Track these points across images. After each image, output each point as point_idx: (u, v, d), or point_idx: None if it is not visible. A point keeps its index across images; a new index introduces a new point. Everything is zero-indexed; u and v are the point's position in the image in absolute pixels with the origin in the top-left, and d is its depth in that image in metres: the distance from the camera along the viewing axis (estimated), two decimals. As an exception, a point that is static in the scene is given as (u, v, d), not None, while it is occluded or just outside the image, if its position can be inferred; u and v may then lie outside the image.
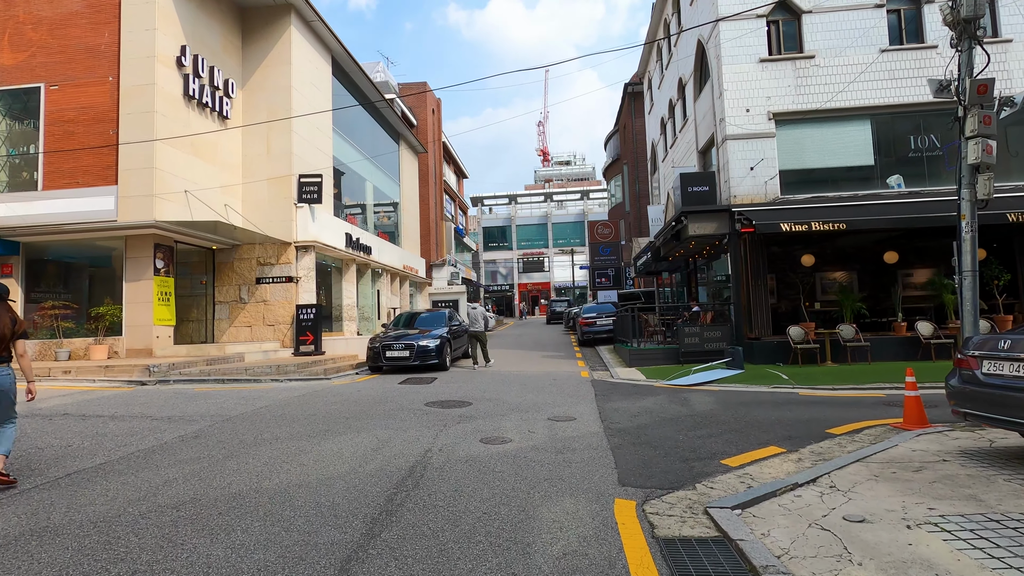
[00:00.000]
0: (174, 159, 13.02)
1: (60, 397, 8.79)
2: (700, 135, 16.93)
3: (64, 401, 8.51)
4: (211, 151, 14.47)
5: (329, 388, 10.32)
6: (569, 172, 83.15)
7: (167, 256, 13.52)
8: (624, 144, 35.91)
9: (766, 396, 9.03)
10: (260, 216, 15.43)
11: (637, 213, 32.38)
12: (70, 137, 12.83)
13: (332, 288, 18.47)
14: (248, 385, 10.48)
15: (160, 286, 13.23)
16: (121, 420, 7.09)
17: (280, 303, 15.21)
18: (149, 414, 7.44)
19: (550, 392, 9.56)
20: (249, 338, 15.18)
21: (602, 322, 19.78)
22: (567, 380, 11.18)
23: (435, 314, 15.33)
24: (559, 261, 60.53)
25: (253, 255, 15.45)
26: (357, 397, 9.14)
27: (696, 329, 13.29)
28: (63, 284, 13.92)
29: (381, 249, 21.65)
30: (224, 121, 15.01)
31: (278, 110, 15.63)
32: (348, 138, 20.27)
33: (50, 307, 12.96)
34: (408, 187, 28.18)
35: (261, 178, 15.57)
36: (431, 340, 13.02)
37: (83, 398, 8.56)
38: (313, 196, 15.56)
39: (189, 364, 11.03)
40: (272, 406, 8.21)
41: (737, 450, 5.74)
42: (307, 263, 15.58)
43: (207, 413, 7.60)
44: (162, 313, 13.19)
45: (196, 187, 13.74)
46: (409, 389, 10.13)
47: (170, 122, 12.94)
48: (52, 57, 13.05)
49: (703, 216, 13.71)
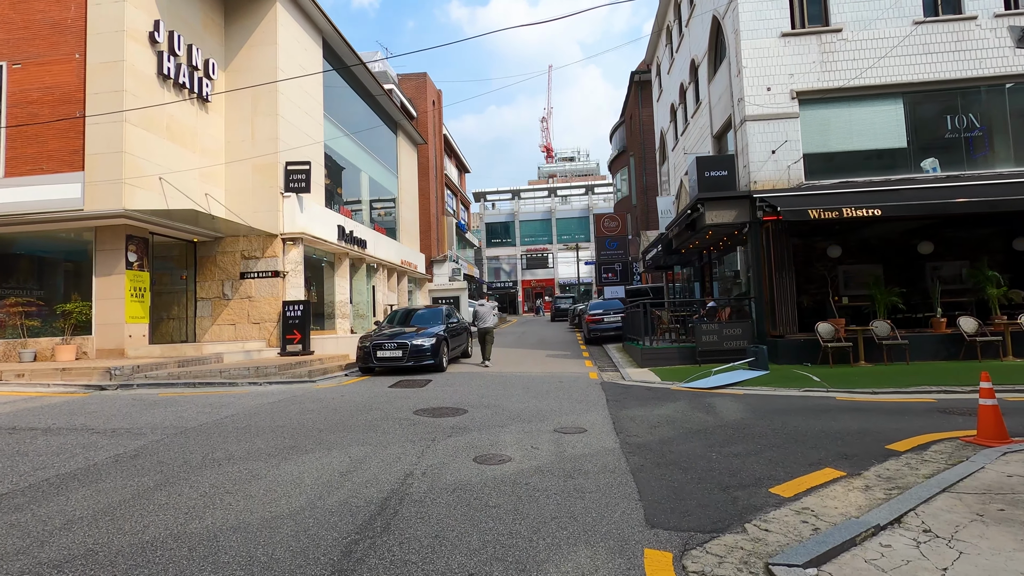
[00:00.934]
0: (147, 143, 12.02)
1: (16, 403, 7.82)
2: (715, 119, 15.82)
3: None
4: (190, 136, 13.47)
5: (310, 393, 9.31)
6: (573, 168, 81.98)
7: (141, 248, 12.53)
8: (631, 135, 34.77)
9: (799, 401, 7.96)
10: (244, 206, 14.43)
11: (644, 206, 31.27)
12: (34, 119, 11.84)
13: (324, 284, 17.46)
14: (221, 389, 9.49)
15: (133, 281, 12.24)
16: (55, 434, 6.09)
17: (266, 299, 14.21)
18: (92, 426, 6.44)
19: (556, 397, 8.52)
20: (233, 337, 14.19)
21: (610, 319, 18.73)
22: (574, 383, 10.14)
23: (432, 311, 14.32)
24: (563, 257, 59.44)
25: (237, 248, 14.45)
26: (339, 403, 8.12)
27: (714, 326, 12.22)
28: (34, 279, 12.96)
29: (377, 243, 20.64)
30: (204, 104, 14.00)
31: (263, 93, 14.61)
32: (342, 126, 19.24)
33: (12, 304, 12.00)
34: (407, 180, 27.16)
35: (245, 166, 14.56)
36: (426, 339, 12.00)
37: (25, 406, 7.58)
38: (301, 185, 14.55)
39: (158, 366, 10.04)
40: (239, 415, 7.20)
41: (786, 474, 4.69)
42: (295, 256, 14.57)
43: (160, 424, 6.60)
44: (135, 310, 12.21)
45: (172, 174, 12.74)
46: (399, 393, 9.11)
47: (142, 103, 11.93)
48: (14, 33, 12.06)
49: (721, 203, 12.62)
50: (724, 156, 13.10)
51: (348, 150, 19.92)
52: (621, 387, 9.70)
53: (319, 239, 15.56)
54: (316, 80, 16.88)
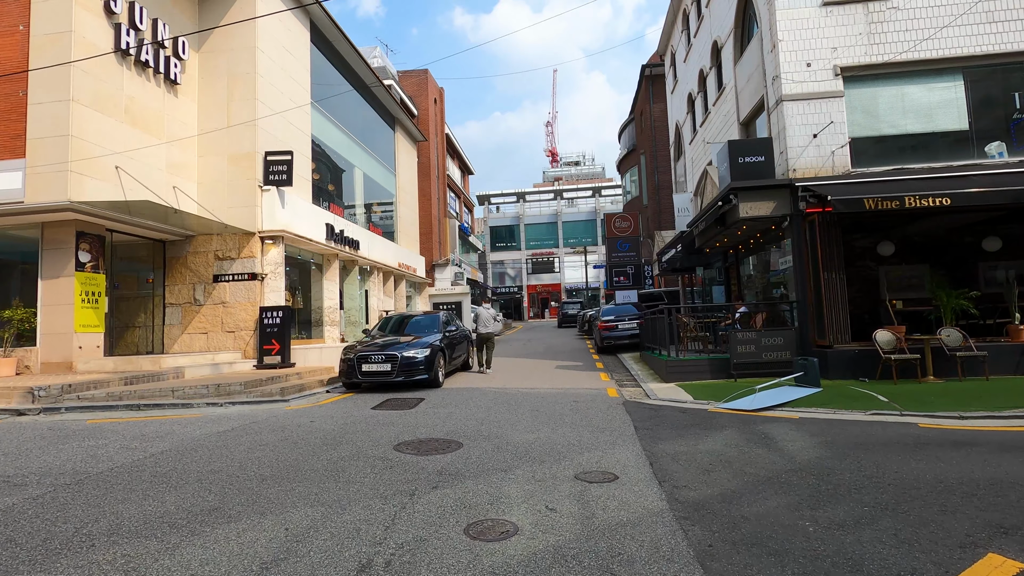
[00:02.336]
0: (101, 127, 10.56)
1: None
2: (742, 104, 14.25)
3: None
4: (156, 122, 11.99)
5: (276, 417, 7.74)
6: (579, 172, 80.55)
7: (95, 248, 11.03)
8: (641, 132, 33.21)
9: (876, 430, 6.32)
10: (218, 201, 12.93)
11: (657, 206, 29.65)
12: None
13: (311, 288, 15.94)
14: (170, 413, 7.93)
15: (85, 284, 10.73)
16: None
17: (241, 305, 12.68)
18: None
19: (572, 423, 6.92)
20: (205, 347, 12.66)
21: (624, 326, 17.11)
22: (592, 402, 8.53)
23: (429, 317, 12.76)
24: (570, 261, 57.84)
25: (210, 248, 12.94)
26: (303, 433, 6.54)
27: (751, 335, 10.58)
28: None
29: (372, 244, 19.11)
30: (173, 87, 12.54)
31: (240, 76, 13.15)
32: (333, 118, 17.78)
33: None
34: (406, 179, 25.68)
35: (220, 156, 13.07)
36: (419, 350, 10.42)
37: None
38: (282, 177, 13.05)
39: (99, 384, 8.50)
40: (170, 452, 5.64)
41: (936, 567, 3.07)
42: (275, 257, 13.05)
43: (58, 468, 5.04)
44: (86, 318, 10.69)
45: (133, 163, 11.26)
46: (382, 418, 7.53)
47: (94, 81, 10.47)
48: (-47, 3, 10.65)
49: (757, 193, 11.02)
50: (761, 140, 11.50)
51: (340, 144, 18.45)
52: (648, 408, 8.08)
53: (303, 238, 14.04)
54: (303, 65, 15.42)
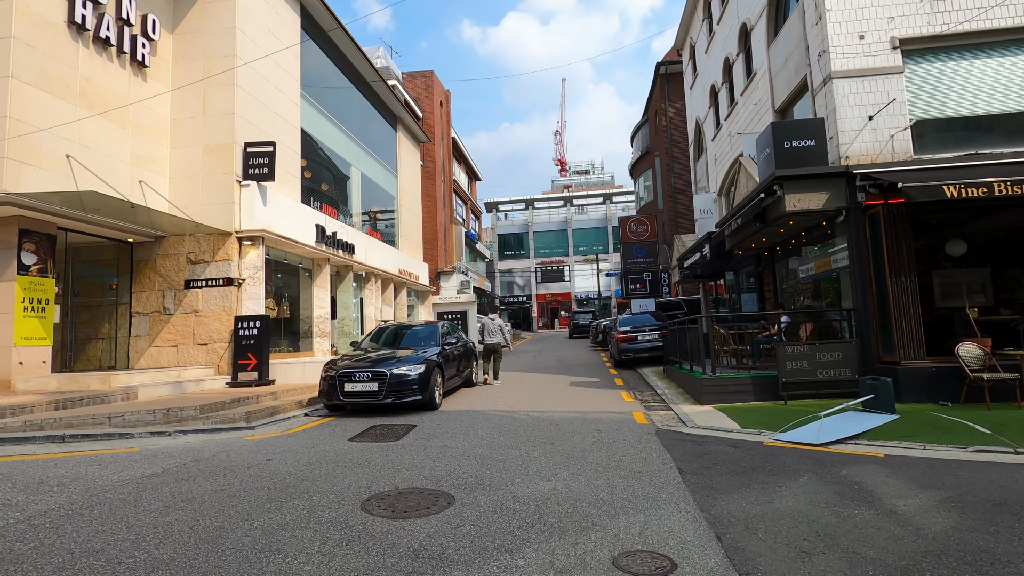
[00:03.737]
0: (48, 110, 9.21)
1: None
2: (778, 88, 12.72)
3: None
4: (119, 108, 10.65)
5: (227, 452, 6.23)
6: (588, 180, 79.24)
7: (43, 248, 9.64)
8: (656, 134, 31.72)
9: (1006, 479, 4.70)
10: (191, 197, 11.55)
11: (673, 210, 28.08)
12: (-96, 80, 9.10)
13: (300, 295, 14.50)
14: (98, 447, 6.45)
15: (29, 290, 9.33)
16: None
17: (215, 314, 11.23)
18: None
19: (597, 463, 5.35)
20: (174, 361, 11.21)
21: (644, 337, 15.51)
22: (618, 431, 6.95)
23: (426, 328, 11.24)
24: (580, 270, 56.25)
25: (182, 250, 11.54)
26: (249, 481, 5.01)
27: (803, 349, 8.95)
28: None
29: (368, 248, 17.69)
30: (141, 69, 11.21)
31: (218, 59, 11.82)
32: (327, 112, 16.45)
33: None
34: (408, 181, 24.31)
35: (194, 148, 11.71)
36: (411, 366, 8.90)
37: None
38: (263, 171, 11.66)
39: (19, 409, 7.05)
40: (54, 513, 4.13)
41: None
42: (253, 260, 11.62)
43: None
44: (29, 328, 9.28)
45: (90, 153, 9.91)
46: (358, 454, 5.99)
47: (41, 57, 9.15)
48: None
49: (807, 184, 9.45)
50: (811, 121, 9.94)
51: (336, 141, 17.10)
52: (689, 441, 6.48)
53: (288, 239, 12.62)
54: (292, 52, 14.10)
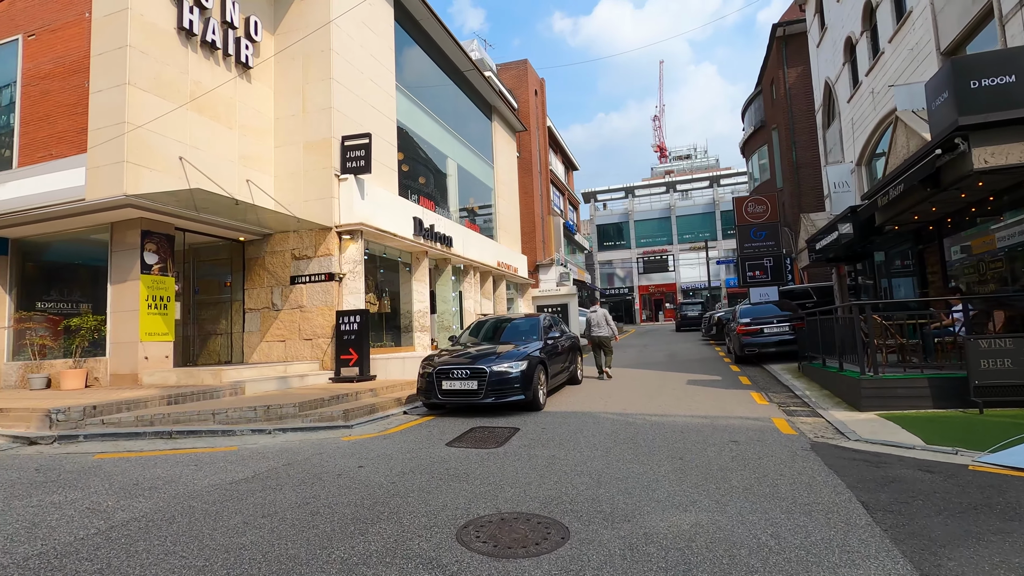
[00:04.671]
0: (161, 114, 9.56)
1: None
2: (946, 25, 10.41)
3: None
4: (226, 110, 10.96)
5: (321, 455, 5.83)
6: (690, 165, 74.83)
7: (163, 248, 10.09)
8: (772, 105, 28.65)
9: None
10: (295, 194, 11.69)
11: (796, 187, 25.13)
12: (45, 97, 9.90)
13: (400, 289, 14.39)
14: (200, 444, 6.34)
15: (152, 288, 9.80)
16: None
17: (318, 309, 11.27)
18: None
19: (745, 487, 4.21)
20: (283, 356, 11.42)
21: (772, 330, 13.65)
22: (760, 443, 5.69)
23: (528, 321, 10.46)
24: (686, 259, 53.10)
25: (287, 247, 11.72)
26: (337, 493, 4.48)
27: (1005, 344, 7.00)
28: (63, 290, 11.08)
29: (467, 241, 17.33)
30: (246, 71, 11.49)
31: (315, 54, 11.84)
32: (422, 104, 16.25)
33: (23, 319, 10.12)
34: (505, 173, 23.80)
35: (296, 146, 11.84)
36: (513, 363, 8.14)
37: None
38: (360, 164, 11.51)
39: (133, 404, 7.21)
40: (136, 523, 3.81)
41: None
42: (353, 254, 11.52)
43: (-41, 553, 3.36)
44: (153, 325, 9.74)
45: (201, 155, 10.23)
46: (456, 463, 5.31)
47: (154, 63, 9.51)
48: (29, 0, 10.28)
49: (1004, 133, 7.40)
50: (1011, 51, 7.82)
51: (431, 132, 16.89)
52: (862, 461, 5.07)
53: (387, 232, 12.43)
54: (386, 44, 13.95)
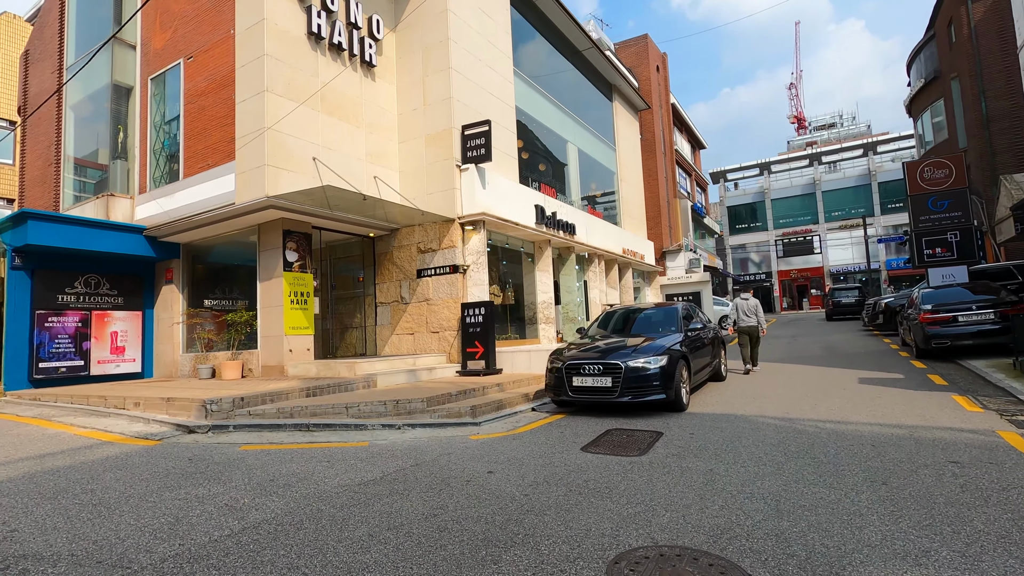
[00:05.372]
0: (296, 118, 9.99)
1: (4, 466, 5.76)
2: None
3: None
4: (353, 109, 11.26)
5: (449, 455, 5.50)
6: (836, 135, 66.53)
7: (302, 246, 10.61)
8: (950, 51, 24.05)
9: None
10: (418, 188, 11.76)
11: (985, 146, 20.84)
12: (202, 112, 10.83)
13: (523, 280, 14.03)
14: (334, 438, 6.35)
15: (293, 285, 10.34)
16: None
17: (444, 302, 11.23)
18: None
19: (993, 534, 3.05)
20: (412, 349, 11.57)
21: (971, 317, 11.18)
22: (994, 467, 4.32)
23: (663, 311, 9.49)
24: (835, 239, 47.26)
25: (413, 240, 11.84)
26: (465, 504, 4.05)
27: None
28: (225, 288, 12.18)
29: (591, 228, 16.54)
30: (370, 70, 11.73)
31: (434, 46, 11.77)
32: (539, 87, 15.71)
33: (192, 315, 11.21)
34: (627, 155, 22.54)
35: (418, 140, 11.89)
36: (651, 357, 7.29)
37: (21, 470, 5.31)
38: (480, 152, 11.25)
39: (275, 397, 7.49)
40: (268, 524, 3.67)
41: None
42: (476, 245, 11.31)
43: (101, 543, 3.39)
44: (295, 319, 10.27)
45: (332, 154, 10.59)
46: (595, 473, 4.66)
47: (287, 69, 9.94)
48: (188, 25, 11.32)
49: None
50: None
51: (550, 116, 16.30)
52: None
53: (509, 222, 12.09)
54: (502, 28, 13.58)
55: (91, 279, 11.28)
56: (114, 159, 12.37)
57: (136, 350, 11.91)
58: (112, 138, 12.39)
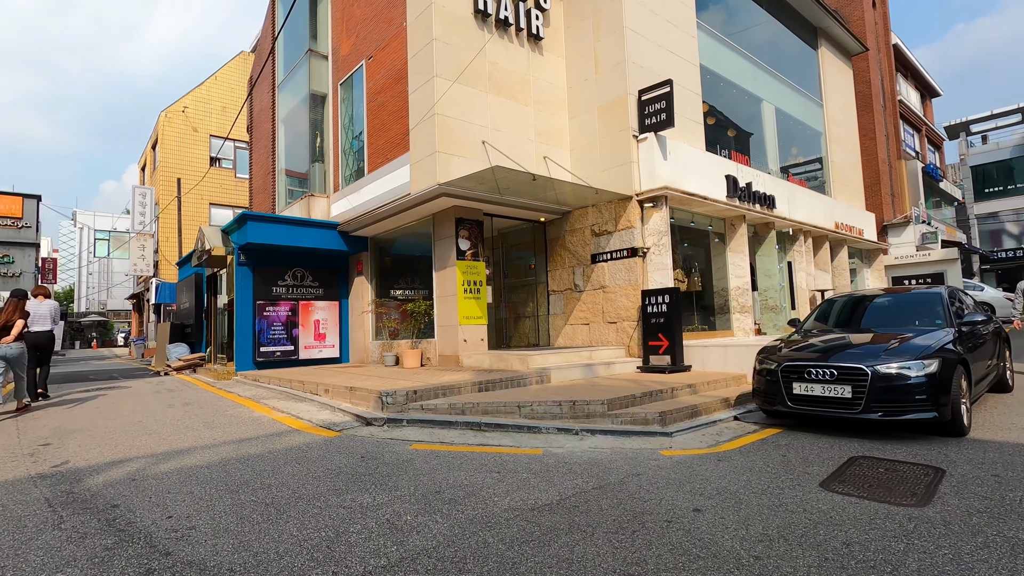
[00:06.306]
0: (465, 100, 9.69)
1: (210, 448, 6.01)
2: None
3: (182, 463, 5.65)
4: (520, 86, 10.68)
5: (638, 476, 4.48)
6: None
7: (473, 233, 10.37)
8: None
9: None
10: (590, 165, 10.79)
11: None
12: (381, 109, 11.18)
13: (712, 262, 12.25)
14: (506, 442, 5.72)
15: (466, 273, 10.14)
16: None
17: (621, 289, 10.13)
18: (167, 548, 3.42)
19: None
20: (587, 340, 10.71)
21: None
22: None
23: (916, 297, 7.22)
24: None
25: (586, 223, 10.92)
26: (674, 560, 3.01)
27: None
28: (407, 279, 12.64)
29: (793, 200, 13.96)
30: (537, 43, 11.03)
31: (604, 5, 10.63)
32: (728, 40, 13.59)
33: (377, 304, 11.70)
34: (838, 111, 18.80)
35: (590, 112, 10.90)
36: (910, 361, 5.39)
37: (220, 455, 5.46)
38: (660, 118, 9.86)
39: (447, 390, 7.16)
40: (429, 554, 3.06)
41: None
42: (657, 224, 9.98)
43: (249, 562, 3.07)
44: (469, 309, 10.06)
45: (501, 136, 10.14)
46: (857, 532, 3.25)
47: (455, 51, 9.66)
48: (368, 27, 11.78)
49: None
50: None
51: (740, 73, 14.05)
52: None
53: (695, 196, 10.51)
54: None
55: (297, 272, 12.50)
56: (313, 162, 13.58)
57: (335, 337, 12.97)
58: (311, 143, 13.61)
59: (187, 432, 6.29)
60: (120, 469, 4.85)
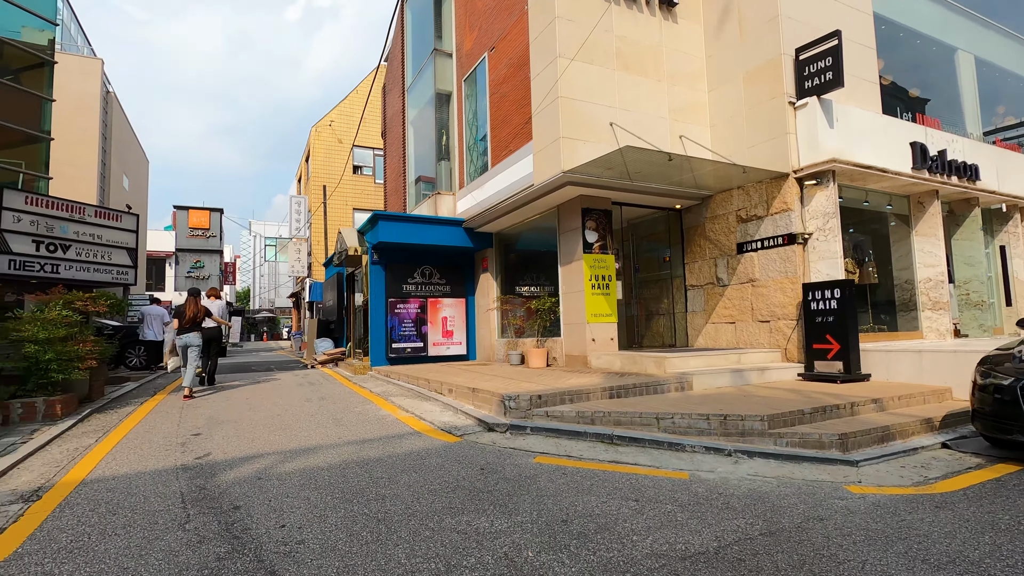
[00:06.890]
0: (590, 80, 8.93)
1: (334, 448, 5.83)
2: None
3: (306, 463, 5.49)
4: (652, 60, 9.65)
5: (827, 523, 3.47)
6: None
7: (601, 224, 9.56)
8: None
9: None
10: (734, 142, 9.45)
11: None
12: (503, 100, 10.82)
13: (891, 250, 10.19)
14: (643, 461, 4.91)
15: (594, 268, 9.38)
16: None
17: (775, 282, 8.71)
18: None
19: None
20: (732, 341, 9.40)
21: None
22: None
23: None
24: None
25: (730, 208, 9.60)
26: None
27: None
28: (532, 275, 12.20)
29: (1003, 168, 11.20)
30: (670, 11, 9.91)
31: (751, -44, 9.23)
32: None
33: (503, 301, 11.35)
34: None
35: (734, 82, 9.55)
36: None
37: (342, 456, 5.22)
38: (825, 78, 8.28)
39: (575, 395, 6.46)
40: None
41: None
42: (821, 205, 8.40)
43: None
44: (597, 306, 9.29)
45: (629, 116, 9.23)
46: None
47: (578, 28, 8.93)
48: (489, 19, 11.49)
49: None
50: None
51: (927, 18, 11.59)
52: None
53: (871, 169, 8.72)
54: (849, -90, 9.96)
55: (425, 270, 12.65)
56: (439, 160, 13.70)
57: (462, 334, 12.95)
58: (437, 141, 13.75)
59: (316, 428, 6.36)
60: (250, 466, 4.89)
